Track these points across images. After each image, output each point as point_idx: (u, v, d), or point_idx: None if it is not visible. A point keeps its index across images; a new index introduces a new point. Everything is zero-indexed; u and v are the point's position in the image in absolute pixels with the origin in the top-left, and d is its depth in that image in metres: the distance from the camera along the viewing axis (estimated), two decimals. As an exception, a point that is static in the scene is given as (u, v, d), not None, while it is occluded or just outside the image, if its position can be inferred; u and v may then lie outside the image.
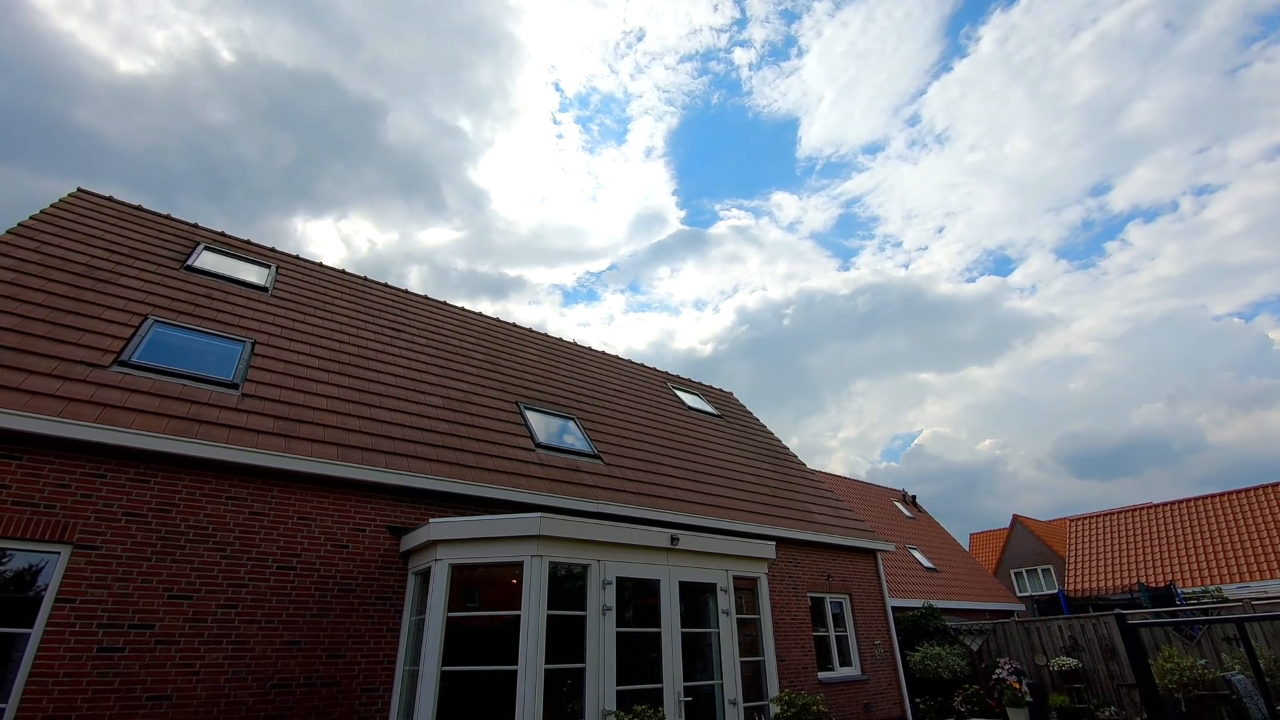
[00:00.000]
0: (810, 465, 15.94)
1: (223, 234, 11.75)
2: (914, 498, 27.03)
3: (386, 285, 13.39)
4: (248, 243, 11.93)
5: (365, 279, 13.12)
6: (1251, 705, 8.38)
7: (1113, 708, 12.17)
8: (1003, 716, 12.25)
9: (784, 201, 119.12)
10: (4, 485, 5.67)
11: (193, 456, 6.45)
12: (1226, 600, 16.81)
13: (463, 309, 14.30)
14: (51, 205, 9.83)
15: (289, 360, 8.77)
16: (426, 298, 13.86)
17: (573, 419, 11.15)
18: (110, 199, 11.00)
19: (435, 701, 6.10)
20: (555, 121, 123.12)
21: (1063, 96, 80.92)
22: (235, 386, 7.69)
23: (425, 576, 6.94)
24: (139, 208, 11.16)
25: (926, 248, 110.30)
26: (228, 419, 7.07)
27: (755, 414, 17.60)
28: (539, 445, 9.71)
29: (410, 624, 7.00)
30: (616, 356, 16.15)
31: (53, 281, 7.92)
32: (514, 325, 14.85)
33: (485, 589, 7.30)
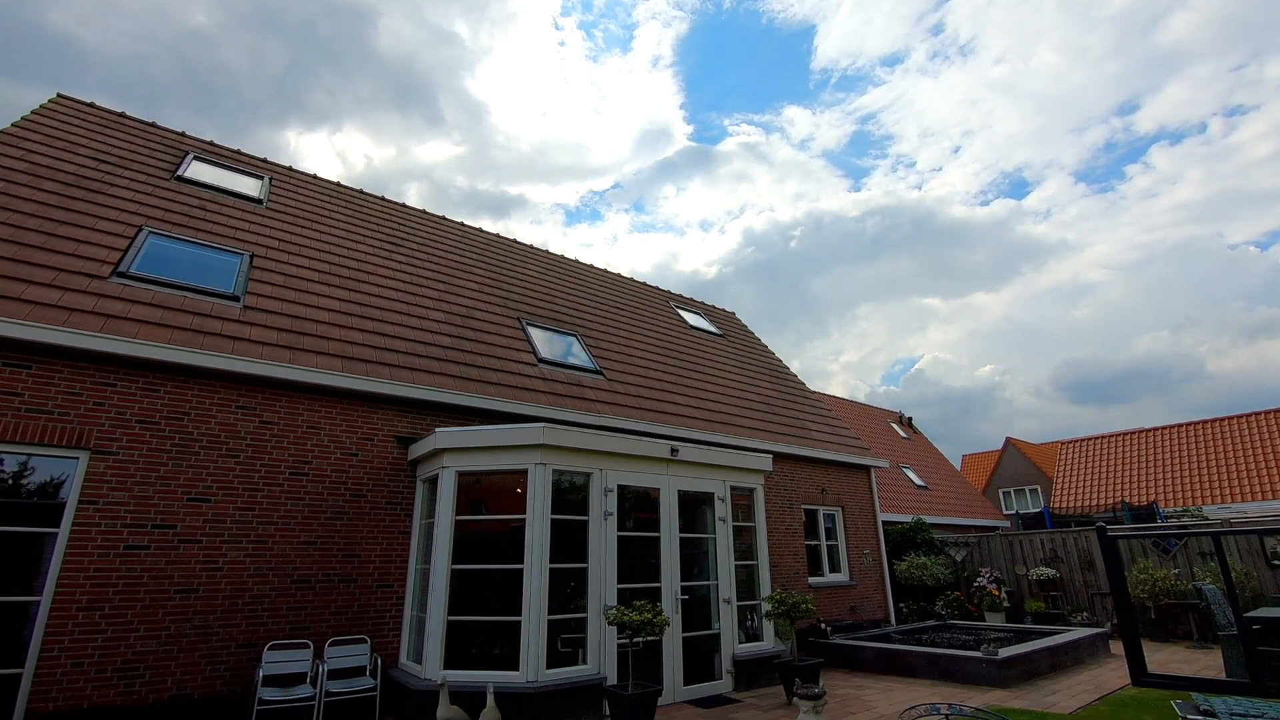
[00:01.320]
0: (810, 388, 16.14)
1: (212, 144, 11.38)
2: (910, 419, 27.52)
3: (384, 199, 13.09)
4: (238, 153, 11.57)
5: (361, 192, 12.81)
6: (1219, 612, 8.87)
7: (1085, 613, 12.92)
8: (980, 619, 13.01)
9: (796, 117, 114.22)
10: (16, 394, 5.80)
11: (200, 367, 6.55)
12: (1207, 519, 17.44)
13: (462, 224, 14.04)
14: (32, 112, 9.48)
15: (288, 274, 8.71)
16: (424, 212, 13.58)
17: (575, 336, 11.20)
18: (92, 105, 10.58)
19: (447, 596, 6.48)
20: (557, 27, 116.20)
21: (1097, 5, 75.76)
22: (237, 299, 7.69)
23: (433, 483, 7.19)
24: (122, 115, 10.75)
25: (941, 169, 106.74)
26: (231, 330, 7.11)
27: (760, 336, 17.65)
28: (541, 360, 9.80)
29: (420, 527, 7.32)
30: (619, 275, 16.01)
31: (43, 191, 7.75)
32: (515, 241, 14.63)
33: (492, 498, 7.58)
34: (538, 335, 10.55)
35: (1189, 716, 5.28)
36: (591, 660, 6.57)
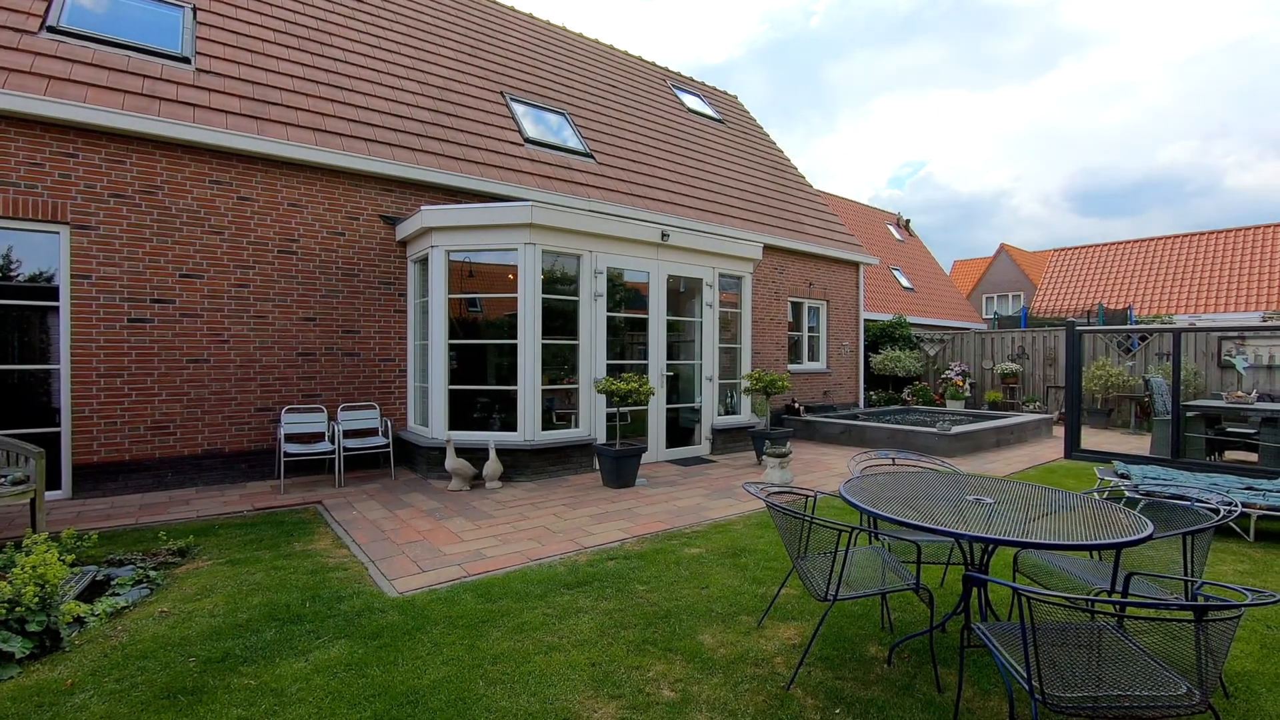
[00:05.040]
0: (813, 186, 15.53)
1: None
2: (908, 222, 27.09)
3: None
4: None
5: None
6: (1160, 401, 9.66)
7: (1037, 403, 14.06)
8: (943, 406, 14.16)
9: None
10: (-28, 159, 5.51)
11: (162, 136, 6.17)
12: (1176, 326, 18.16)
13: (432, -21, 12.23)
14: None
15: (239, 31, 7.79)
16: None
17: (564, 114, 10.44)
18: None
19: (446, 368, 6.90)
20: None
21: None
22: (187, 61, 6.98)
23: (424, 263, 7.23)
24: None
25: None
26: (188, 96, 6.57)
27: (764, 128, 16.51)
28: (528, 140, 9.25)
29: (416, 306, 7.52)
30: (612, 47, 14.44)
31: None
32: (493, 2, 12.91)
33: (486, 284, 7.68)
34: (523, 112, 9.82)
35: (1107, 477, 6.02)
36: (584, 425, 7.22)
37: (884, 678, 2.74)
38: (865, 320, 15.58)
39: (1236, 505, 3.03)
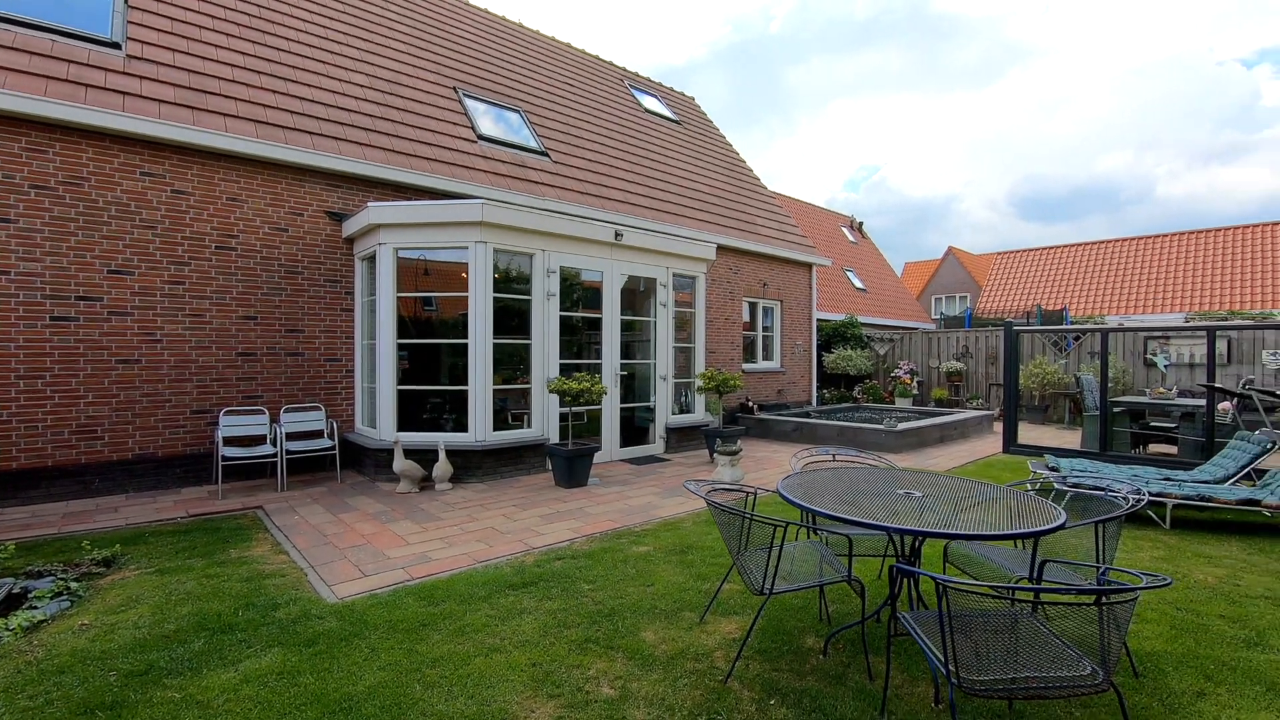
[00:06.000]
0: (770, 187, 15.78)
1: None
2: (860, 224, 27.78)
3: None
4: None
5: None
6: (1089, 396, 10.20)
7: (980, 400, 14.63)
8: (891, 403, 14.60)
9: None
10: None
11: (88, 125, 5.87)
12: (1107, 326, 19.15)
13: (383, -30, 11.95)
14: None
15: (174, 17, 7.46)
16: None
17: (519, 112, 10.35)
18: None
19: (394, 368, 6.76)
20: None
21: None
22: (118, 46, 6.66)
23: (372, 262, 7.07)
24: None
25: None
26: (118, 84, 6.26)
27: (725, 131, 16.70)
28: (481, 137, 9.14)
29: (364, 304, 7.35)
30: (570, 45, 14.39)
31: None
32: (447, -3, 12.70)
33: (439, 282, 7.55)
34: (477, 109, 9.69)
35: (1039, 470, 6.31)
36: (536, 425, 7.18)
37: (819, 668, 2.82)
38: (819, 320, 15.93)
39: (1145, 495, 3.22)
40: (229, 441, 6.41)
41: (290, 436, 6.71)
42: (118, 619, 3.28)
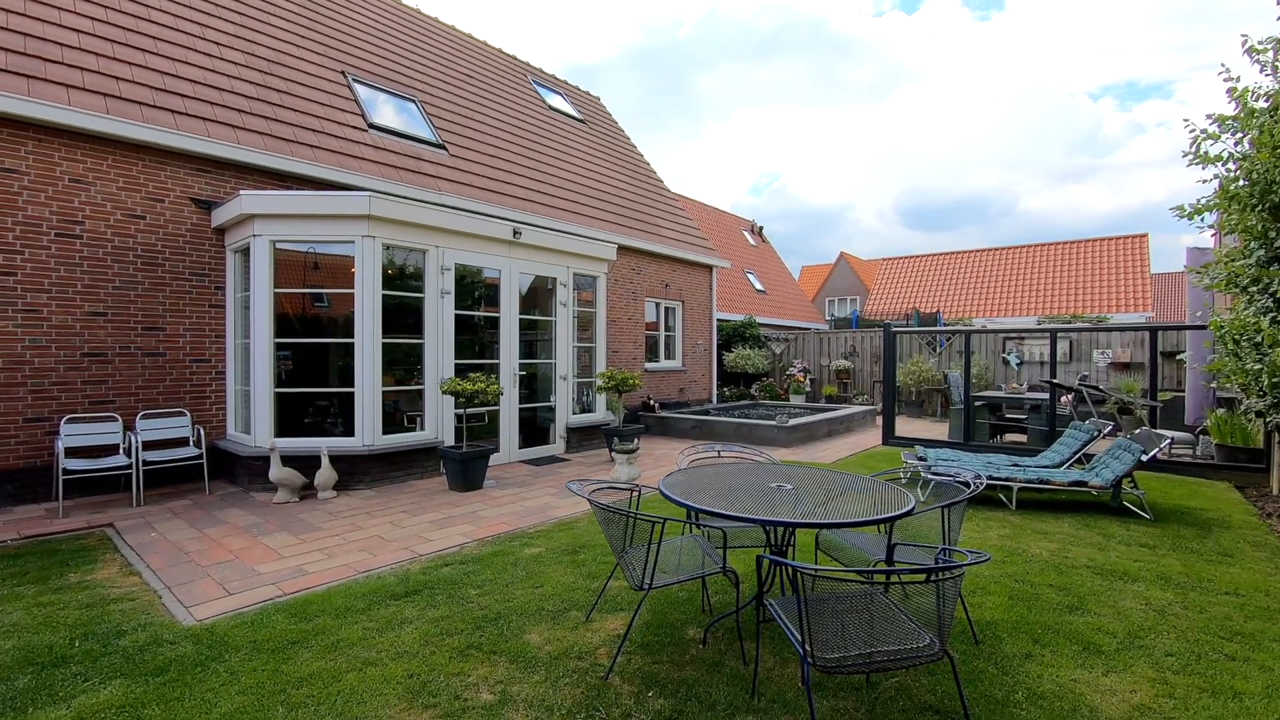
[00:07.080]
0: (675, 190, 16.08)
1: None
2: (761, 229, 28.96)
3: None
4: None
5: None
6: (955, 392, 11.24)
7: (865, 396, 15.70)
8: (786, 400, 15.35)
9: None
10: None
11: (-115, 85, 5.04)
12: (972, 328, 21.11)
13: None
14: None
15: (4, -30, 6.55)
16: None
17: (414, 101, 9.94)
18: None
19: (270, 369, 6.30)
20: None
21: None
22: (-74, -3, 5.77)
23: (246, 254, 6.56)
24: None
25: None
26: (-74, 41, 5.43)
27: (634, 134, 16.82)
28: (373, 126, 8.70)
29: (237, 300, 6.80)
30: (471, 36, 13.99)
31: None
32: (337, -25, 11.96)
33: (327, 277, 7.12)
34: (368, 96, 9.22)
35: (910, 460, 6.86)
36: (430, 428, 6.95)
37: (698, 658, 2.93)
38: (719, 320, 16.46)
39: (984, 480, 3.60)
40: (72, 453, 5.73)
41: (149, 445, 6.09)
42: (-83, 659, 2.86)
